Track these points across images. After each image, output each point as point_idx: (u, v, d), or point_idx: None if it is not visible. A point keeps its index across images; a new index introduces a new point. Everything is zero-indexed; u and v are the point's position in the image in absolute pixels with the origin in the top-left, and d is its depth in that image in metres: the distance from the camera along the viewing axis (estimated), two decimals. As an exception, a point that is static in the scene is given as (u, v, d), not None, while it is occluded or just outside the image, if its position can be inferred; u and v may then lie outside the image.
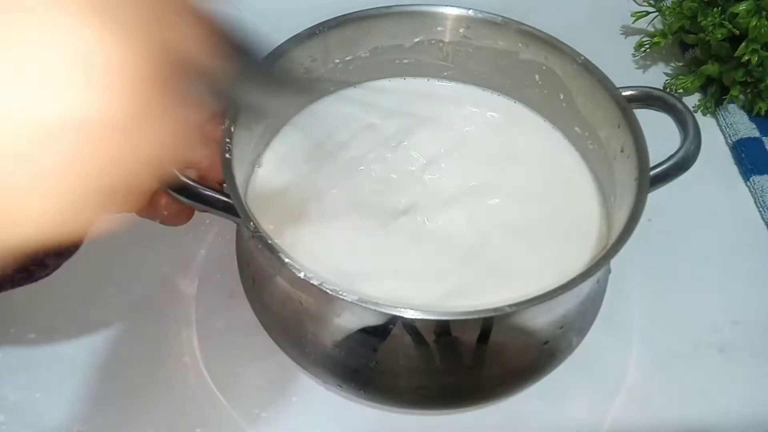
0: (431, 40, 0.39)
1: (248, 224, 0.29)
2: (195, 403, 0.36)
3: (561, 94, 0.38)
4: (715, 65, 0.50)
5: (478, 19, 0.38)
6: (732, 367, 0.39)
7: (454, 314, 0.28)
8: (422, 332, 0.30)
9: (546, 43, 0.37)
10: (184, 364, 0.38)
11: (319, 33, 0.37)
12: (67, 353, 0.38)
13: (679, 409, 0.38)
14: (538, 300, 0.27)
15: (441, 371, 0.33)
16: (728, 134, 0.50)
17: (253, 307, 0.35)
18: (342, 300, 0.27)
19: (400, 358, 0.32)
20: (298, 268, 0.27)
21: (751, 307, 0.42)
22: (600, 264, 0.28)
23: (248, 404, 0.37)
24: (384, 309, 0.27)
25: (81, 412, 0.36)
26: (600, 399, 0.38)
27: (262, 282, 0.34)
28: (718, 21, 0.47)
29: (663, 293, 0.42)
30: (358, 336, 0.31)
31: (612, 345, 0.40)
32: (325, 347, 0.32)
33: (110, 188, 0.16)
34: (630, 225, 0.29)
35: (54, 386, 0.37)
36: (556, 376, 0.34)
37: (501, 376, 0.34)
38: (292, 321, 0.33)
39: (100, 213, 0.16)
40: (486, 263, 0.34)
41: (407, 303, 0.28)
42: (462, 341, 0.32)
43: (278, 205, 0.35)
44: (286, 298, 0.32)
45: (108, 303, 0.40)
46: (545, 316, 0.32)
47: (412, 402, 0.34)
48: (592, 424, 0.37)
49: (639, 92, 0.35)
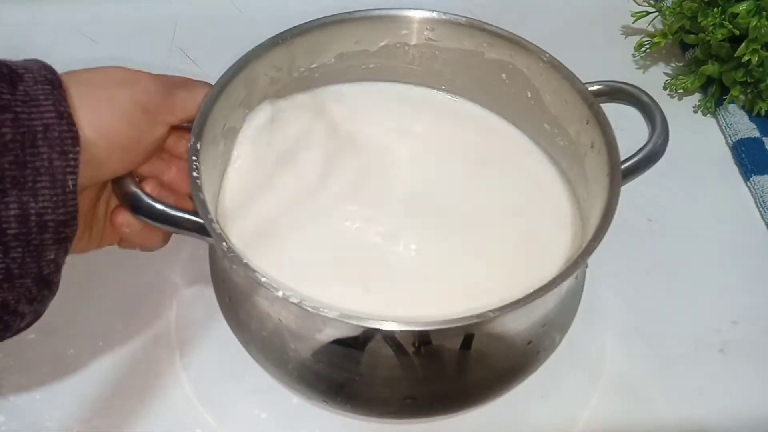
0: (397, 44, 0.39)
1: (221, 245, 0.28)
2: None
3: (528, 92, 0.38)
4: (715, 65, 0.50)
5: (443, 20, 0.37)
6: (732, 367, 0.40)
7: (436, 323, 0.27)
8: (404, 343, 0.30)
9: (511, 41, 0.37)
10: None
11: (282, 42, 0.36)
12: (68, 353, 0.38)
13: (676, 407, 0.38)
14: (520, 303, 0.27)
15: (426, 380, 0.32)
16: (728, 134, 0.50)
17: (230, 325, 0.35)
18: (322, 316, 0.26)
19: (384, 369, 0.32)
20: (275, 287, 0.27)
21: (751, 307, 0.42)
22: (578, 262, 0.28)
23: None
24: (365, 323, 0.26)
25: (81, 412, 0.36)
26: (585, 392, 0.38)
27: (238, 301, 0.33)
28: (719, 21, 0.47)
29: (662, 292, 0.42)
30: (339, 350, 0.30)
31: (595, 338, 0.40)
32: (307, 363, 0.31)
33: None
34: (605, 220, 0.30)
35: (54, 386, 0.37)
36: (542, 374, 0.35)
37: (487, 379, 0.34)
38: (271, 339, 0.32)
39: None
40: (458, 269, 0.34)
41: (387, 315, 0.27)
42: (446, 348, 0.31)
43: (244, 218, 0.35)
44: (265, 316, 0.31)
45: (105, 311, 0.40)
46: (527, 318, 0.32)
47: (399, 412, 0.34)
48: (579, 419, 0.38)
49: (605, 86, 0.35)
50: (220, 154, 0.34)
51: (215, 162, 0.34)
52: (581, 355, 0.39)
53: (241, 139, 0.37)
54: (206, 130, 0.31)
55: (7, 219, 0.24)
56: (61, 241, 0.26)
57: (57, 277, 0.28)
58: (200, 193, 0.29)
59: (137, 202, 0.30)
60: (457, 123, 0.41)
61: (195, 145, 0.31)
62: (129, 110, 0.28)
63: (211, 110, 0.32)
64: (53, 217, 0.25)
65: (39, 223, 0.25)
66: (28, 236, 0.25)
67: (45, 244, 0.26)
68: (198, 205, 0.29)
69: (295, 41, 0.36)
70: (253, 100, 0.37)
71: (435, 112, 0.41)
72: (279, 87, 0.38)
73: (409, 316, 0.31)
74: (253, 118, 0.37)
